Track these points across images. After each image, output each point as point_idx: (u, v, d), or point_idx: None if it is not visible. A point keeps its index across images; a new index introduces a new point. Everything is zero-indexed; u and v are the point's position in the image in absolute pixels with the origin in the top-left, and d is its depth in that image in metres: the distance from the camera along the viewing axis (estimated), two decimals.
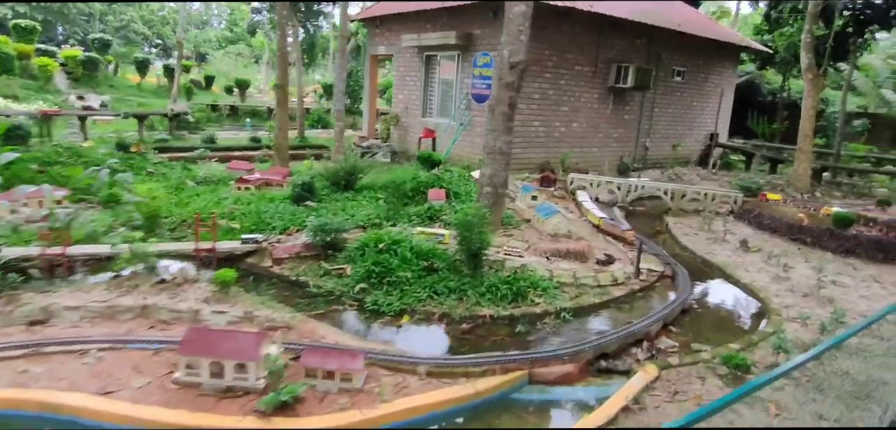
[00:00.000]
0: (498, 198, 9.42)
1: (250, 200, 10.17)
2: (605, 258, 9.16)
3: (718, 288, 9.50)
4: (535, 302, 7.62)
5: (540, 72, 17.16)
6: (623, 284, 8.65)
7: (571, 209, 12.71)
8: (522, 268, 8.32)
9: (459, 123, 18.00)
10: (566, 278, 8.34)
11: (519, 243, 9.21)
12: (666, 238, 12.11)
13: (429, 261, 7.91)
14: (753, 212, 12.79)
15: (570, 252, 9.07)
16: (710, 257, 10.46)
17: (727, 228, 12.23)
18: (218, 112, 24.94)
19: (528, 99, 17.03)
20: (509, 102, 9.12)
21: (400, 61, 20.90)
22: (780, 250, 10.96)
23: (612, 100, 19.40)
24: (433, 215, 9.74)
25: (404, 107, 20.75)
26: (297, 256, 8.42)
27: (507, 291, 7.58)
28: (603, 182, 14.15)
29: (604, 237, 10.80)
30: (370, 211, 9.80)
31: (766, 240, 11.75)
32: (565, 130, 18.40)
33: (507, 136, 9.25)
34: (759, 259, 10.36)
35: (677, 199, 13.51)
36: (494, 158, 9.28)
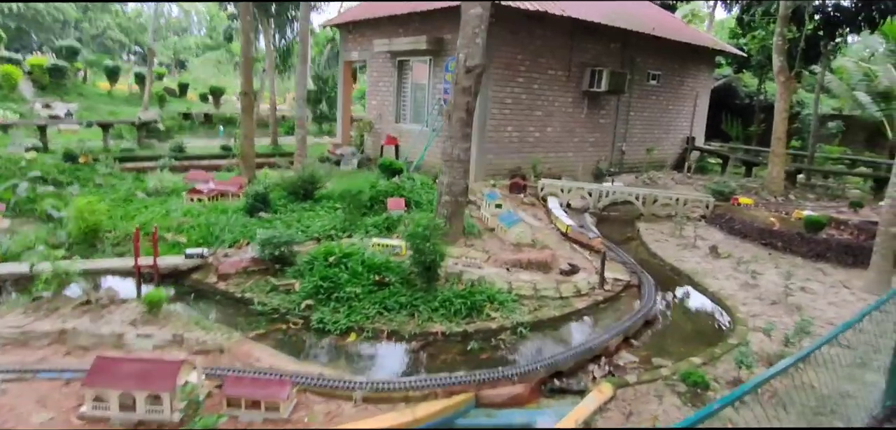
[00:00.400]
0: (457, 207, 9.04)
1: (201, 212, 9.69)
2: (568, 268, 8.81)
3: (685, 297, 9.18)
4: (491, 317, 7.23)
5: (512, 77, 16.85)
6: (586, 295, 8.29)
7: (540, 216, 12.37)
8: (480, 280, 7.93)
9: (432, 130, 17.63)
10: (526, 290, 7.96)
11: (479, 253, 8.83)
12: (637, 244, 11.80)
13: (381, 275, 7.49)
14: (725, 217, 12.53)
15: (533, 263, 8.70)
16: (679, 263, 10.14)
17: (698, 233, 11.93)
18: (190, 120, 24.31)
19: (500, 104, 16.72)
20: (466, 108, 8.74)
21: (373, 67, 20.50)
22: (751, 256, 10.67)
23: (586, 104, 19.12)
24: (391, 226, 9.33)
25: (378, 113, 20.34)
26: (244, 271, 7.97)
27: (462, 305, 7.19)
28: (574, 188, 13.83)
29: (571, 246, 10.46)
30: (326, 222, 9.37)
31: (737, 245, 11.46)
32: (540, 135, 18.08)
33: (465, 143, 8.87)
34: (729, 265, 10.05)
35: (649, 204, 13.22)
36: (452, 165, 8.89)
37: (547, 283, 8.24)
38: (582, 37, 18.12)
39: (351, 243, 8.58)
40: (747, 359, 6.09)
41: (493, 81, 16.35)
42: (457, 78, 8.82)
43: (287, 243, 7.89)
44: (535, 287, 8.01)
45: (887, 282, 9.06)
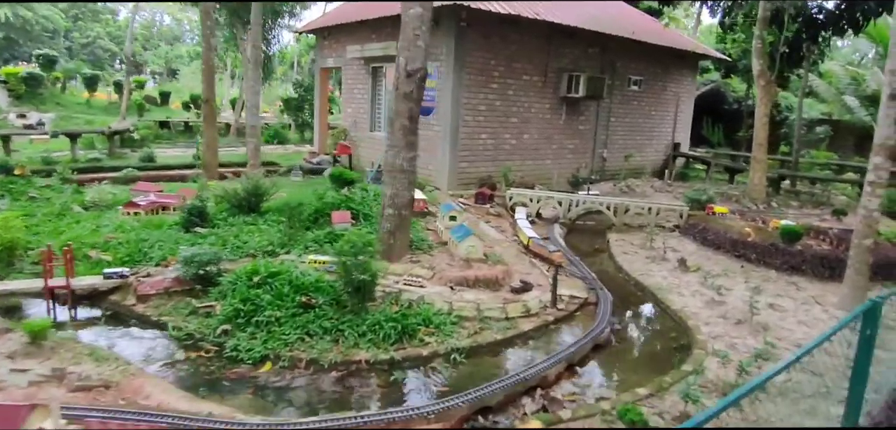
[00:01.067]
0: (402, 221, 8.39)
1: (134, 227, 9.05)
2: (520, 286, 8.16)
3: (645, 316, 8.53)
4: (424, 342, 6.58)
5: (486, 82, 16.25)
6: (536, 315, 7.64)
7: (505, 228, 11.72)
8: (419, 301, 7.28)
9: None
10: (468, 311, 7.31)
11: (424, 270, 8.18)
12: (605, 257, 11.16)
13: (308, 296, 6.84)
14: (699, 226, 11.87)
15: (481, 280, 8.06)
16: (644, 278, 9.49)
17: (670, 244, 11.28)
18: (168, 129, 23.72)
19: (473, 111, 16.11)
20: (409, 115, 8.11)
21: (347, 74, 19.91)
22: (721, 269, 10.02)
23: (565, 110, 18.50)
24: (334, 241, 8.69)
25: (353, 121, 19.74)
26: (165, 291, 7.34)
27: (393, 329, 6.54)
28: (544, 197, 13.19)
29: (531, 259, 9.81)
30: (266, 237, 8.73)
31: (709, 257, 10.81)
32: (516, 143, 17.45)
33: (409, 152, 8.24)
34: (696, 280, 9.39)
35: (620, 214, 12.57)
36: (395, 176, 8.26)
37: (493, 302, 7.59)
38: (559, 41, 17.52)
39: (287, 261, 7.94)
40: (694, 392, 5.43)
41: (465, 87, 15.75)
42: (397, 83, 8.20)
43: (211, 262, 7.26)
44: (479, 308, 7.36)
45: (861, 298, 8.38)
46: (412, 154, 8.25)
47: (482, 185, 14.29)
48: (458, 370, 6.28)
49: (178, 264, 7.39)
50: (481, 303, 7.49)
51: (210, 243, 8.37)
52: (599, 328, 7.14)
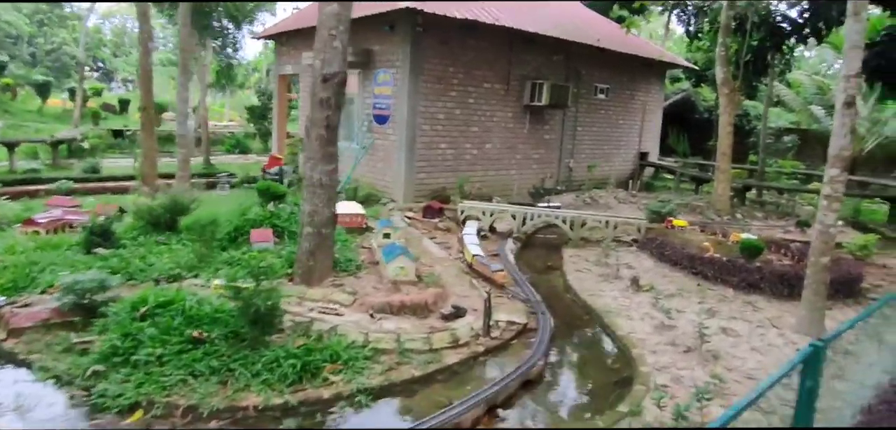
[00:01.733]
0: (322, 240, 7.56)
1: (26, 248, 8.10)
2: (452, 312, 7.37)
3: (588, 343, 7.79)
4: (328, 382, 5.75)
5: (444, 90, 15.51)
6: (465, 345, 6.84)
7: (452, 244, 10.93)
8: (331, 331, 6.46)
9: (361, 147, 16.23)
10: (388, 342, 6.49)
11: (345, 295, 7.35)
12: (557, 275, 10.41)
13: (199, 330, 5.98)
14: (656, 241, 11.19)
15: (408, 305, 7.25)
16: (593, 299, 8.74)
17: (626, 261, 10.58)
18: (122, 138, 22.62)
19: (431, 120, 15.35)
20: (326, 123, 7.30)
21: (304, 81, 19.05)
22: (676, 288, 9.33)
23: (528, 119, 17.83)
24: None
25: None
26: (43, 324, 6.42)
27: (291, 368, 5.69)
28: (498, 211, 12.44)
29: (473, 280, 9.02)
30: (175, 260, 7.84)
31: (665, 275, 10.12)
32: (478, 153, 16.72)
33: (327, 164, 7.41)
34: (648, 301, 8.66)
35: (577, 227, 11.85)
36: (314, 191, 7.43)
37: (418, 332, 6.79)
38: (521, 48, 16.86)
39: (193, 286, 7.08)
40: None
41: (423, 95, 15.00)
42: (313, 89, 7.38)
43: (95, 289, 6.36)
44: (400, 339, 6.54)
45: (820, 321, 7.73)
46: (331, 167, 7.42)
47: (435, 197, 13.50)
48: (361, 415, 5.45)
49: (60, 293, 6.48)
50: (403, 333, 6.67)
51: (110, 266, 7.47)
52: (530, 362, 6.36)
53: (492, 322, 7.37)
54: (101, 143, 21.07)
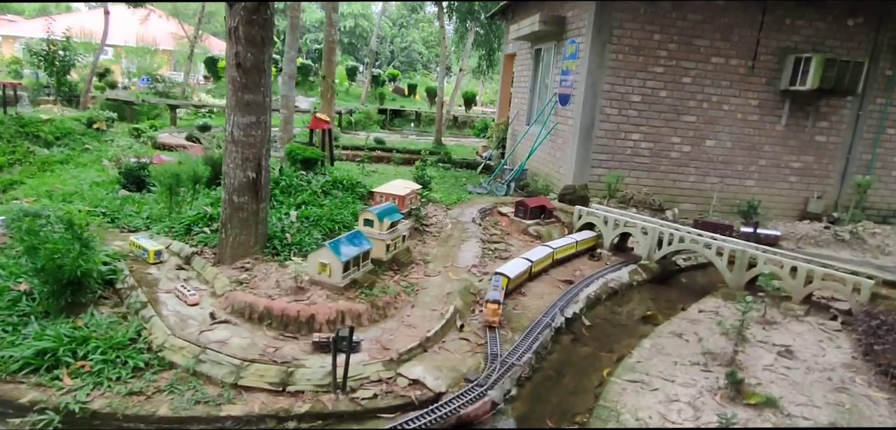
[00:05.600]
0: (234, 211, 5.74)
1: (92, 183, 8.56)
2: (323, 340, 4.78)
3: None
4: (55, 385, 4.16)
5: (644, 65, 11.59)
6: (295, 394, 4.27)
7: (514, 254, 7.60)
8: (148, 322, 4.80)
9: (544, 128, 13.55)
10: (185, 356, 4.46)
11: (227, 282, 5.47)
12: (633, 339, 6.14)
13: (28, 281, 5.10)
14: (882, 320, 5.70)
15: (276, 315, 4.98)
16: (624, 398, 4.72)
17: (783, 342, 5.70)
18: (399, 118, 24.25)
19: (619, 102, 11.70)
20: (236, 61, 5.41)
21: (518, 59, 17.03)
22: (842, 421, 4.42)
23: (787, 110, 12.11)
24: None
25: (516, 112, 16.83)
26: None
27: (36, 356, 4.29)
28: (624, 221, 8.36)
29: (476, 306, 5.98)
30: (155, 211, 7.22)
31: (845, 387, 4.96)
32: (691, 150, 12.13)
33: (242, 114, 5.52)
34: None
35: (739, 269, 7.01)
36: (227, 149, 5.71)
37: (242, 353, 4.54)
38: (784, 7, 11.44)
39: (134, 238, 6.31)
40: None
41: (610, 69, 11.50)
42: (226, 18, 5.60)
43: None
44: (199, 357, 4.45)
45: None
46: (248, 119, 5.58)
47: (566, 195, 10.00)
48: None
49: None
50: (225, 349, 4.55)
51: (112, 209, 7.34)
52: None
53: (386, 375, 4.56)
54: (363, 117, 23.06)
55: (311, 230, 6.76)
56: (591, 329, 6.28)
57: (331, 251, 5.51)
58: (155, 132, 15.72)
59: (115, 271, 5.43)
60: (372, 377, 4.56)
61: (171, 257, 6.10)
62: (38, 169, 9.93)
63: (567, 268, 7.62)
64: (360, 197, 8.36)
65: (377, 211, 6.55)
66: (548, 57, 14.40)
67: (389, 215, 6.63)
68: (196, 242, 6.41)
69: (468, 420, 4.26)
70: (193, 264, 6.03)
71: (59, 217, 4.96)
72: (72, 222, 4.84)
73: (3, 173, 9.40)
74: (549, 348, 5.64)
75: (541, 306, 6.28)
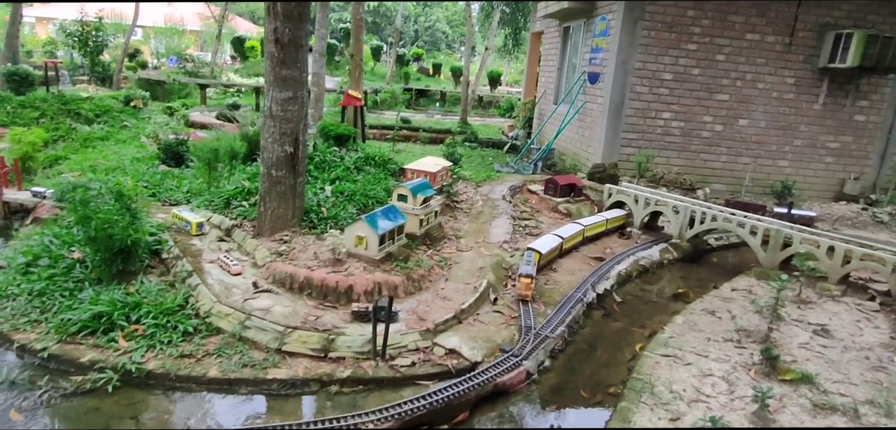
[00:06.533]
0: (273, 184, 5.88)
1: (133, 158, 8.82)
2: (365, 309, 4.93)
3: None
4: (112, 347, 4.39)
5: (677, 42, 11.45)
6: (337, 360, 4.46)
7: (544, 232, 7.64)
8: (195, 289, 5.02)
9: (574, 108, 13.46)
10: (230, 322, 4.67)
11: (267, 254, 5.65)
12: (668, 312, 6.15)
13: (81, 250, 5.35)
14: None
15: (316, 285, 5.16)
16: (658, 370, 4.80)
17: (820, 322, 5.68)
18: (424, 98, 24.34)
19: (650, 80, 11.59)
20: (275, 36, 5.53)
21: (546, 37, 16.89)
22: (875, 403, 4.42)
23: (826, 88, 11.84)
24: None
25: (543, 91, 16.73)
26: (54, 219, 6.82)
27: (95, 319, 4.54)
28: (654, 200, 8.31)
29: (508, 280, 6.07)
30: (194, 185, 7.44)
31: (886, 367, 4.96)
32: (723, 129, 11.98)
33: (280, 90, 5.67)
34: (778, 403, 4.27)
35: (774, 248, 6.96)
36: (265, 124, 5.85)
37: (286, 321, 4.73)
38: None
39: (174, 211, 6.54)
40: None
41: (642, 46, 11.39)
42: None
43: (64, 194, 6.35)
44: (244, 323, 4.65)
45: None
46: (286, 95, 5.71)
47: (596, 173, 9.97)
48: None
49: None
50: (268, 316, 4.74)
51: (154, 182, 7.60)
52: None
53: (423, 344, 4.70)
54: (389, 97, 23.13)
55: (345, 205, 6.92)
56: (622, 305, 6.33)
57: (367, 224, 5.66)
58: (187, 111, 16.07)
59: (161, 242, 5.66)
60: (410, 346, 4.70)
61: (212, 229, 6.32)
62: (80, 145, 10.30)
63: (597, 245, 7.66)
64: (392, 173, 8.50)
65: (411, 186, 6.66)
66: (576, 35, 14.25)
67: (422, 191, 6.74)
68: (235, 215, 6.63)
69: (504, 388, 4.38)
70: (234, 236, 6.24)
71: (109, 189, 5.17)
72: (121, 193, 5.05)
73: (49, 149, 9.76)
74: (582, 323, 5.72)
75: (572, 282, 6.34)
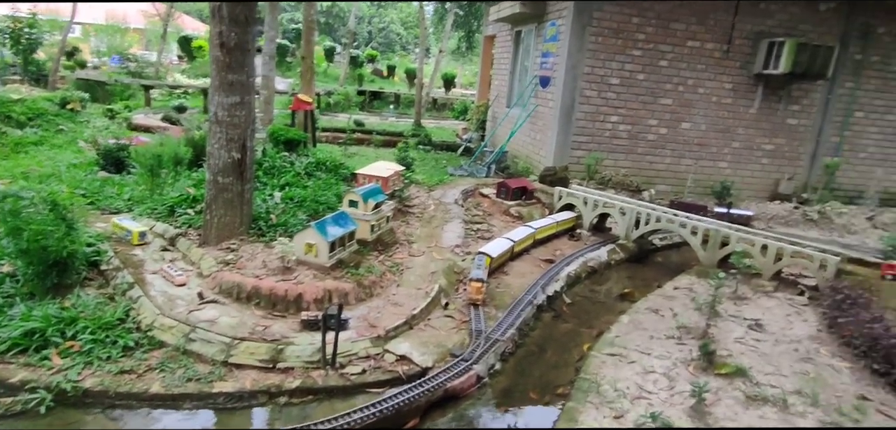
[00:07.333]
0: (219, 192, 5.79)
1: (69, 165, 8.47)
2: (311, 318, 4.88)
3: None
4: (45, 365, 4.21)
5: (623, 48, 11.78)
6: (285, 371, 4.40)
7: (496, 234, 7.77)
8: (136, 302, 4.86)
9: (526, 112, 13.67)
10: (174, 335, 4.55)
11: (219, 266, 5.55)
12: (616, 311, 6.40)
13: (11, 262, 5.08)
14: (850, 297, 5.99)
15: (264, 294, 5.08)
16: (603, 369, 4.96)
17: (754, 316, 6.00)
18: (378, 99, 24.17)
19: (599, 84, 11.88)
20: (220, 40, 5.45)
21: (498, 41, 17.11)
22: (808, 390, 4.69)
23: (761, 93, 12.44)
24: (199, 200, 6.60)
25: (496, 94, 16.94)
26: None
27: (23, 335, 4.33)
28: (603, 201, 8.59)
29: (461, 286, 6.14)
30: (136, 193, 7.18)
31: (812, 358, 5.27)
32: (668, 132, 12.42)
33: (226, 95, 5.57)
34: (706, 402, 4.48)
35: (712, 247, 7.31)
36: (211, 129, 5.75)
37: (232, 332, 4.64)
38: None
39: (115, 220, 6.28)
40: None
41: (590, 52, 11.66)
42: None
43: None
44: (189, 336, 4.53)
45: None
46: (233, 100, 5.61)
47: (547, 176, 10.20)
48: None
49: None
50: (214, 327, 4.64)
51: (92, 190, 7.28)
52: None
53: (374, 351, 4.69)
54: (342, 99, 22.90)
55: (295, 211, 6.83)
56: (571, 306, 6.49)
57: (317, 232, 5.60)
58: (129, 113, 15.46)
59: (100, 253, 5.44)
60: (360, 354, 4.69)
61: (156, 238, 6.11)
62: (10, 150, 9.74)
63: (548, 248, 7.82)
64: (344, 178, 8.43)
65: (362, 192, 6.63)
66: (528, 39, 14.51)
67: (374, 196, 6.72)
68: (180, 223, 6.43)
69: (455, 393, 4.42)
70: (178, 245, 6.06)
71: (43, 198, 4.93)
72: (56, 202, 4.84)
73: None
74: (532, 325, 5.83)
75: (523, 285, 6.46)
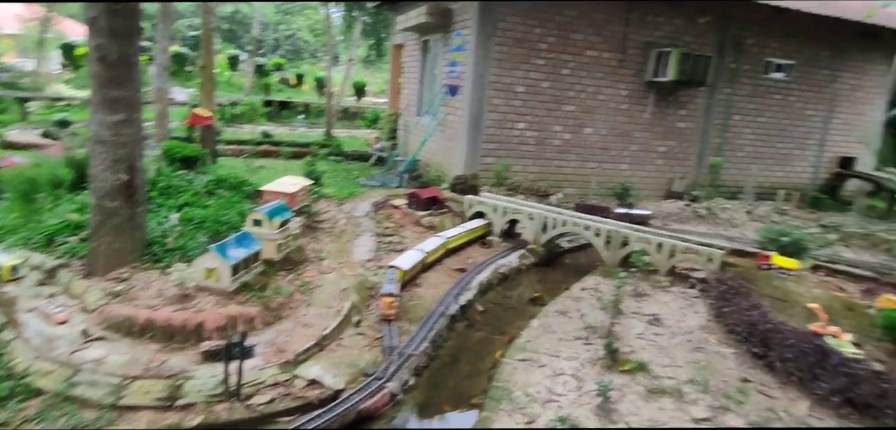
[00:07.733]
0: (106, 217, 5.39)
1: None
2: (213, 349, 4.62)
3: None
4: None
5: (527, 57, 12.14)
6: (186, 407, 4.13)
7: (409, 246, 7.78)
8: (10, 344, 4.37)
9: (436, 120, 13.75)
10: (55, 380, 4.14)
11: (107, 299, 5.13)
12: (526, 316, 6.62)
13: None
14: (733, 287, 6.55)
15: (159, 326, 4.76)
16: (515, 376, 5.08)
17: (653, 311, 6.39)
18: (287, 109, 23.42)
19: (506, 93, 12.16)
20: (99, 55, 5.08)
21: (406, 50, 17.16)
22: (699, 380, 5.05)
23: (653, 100, 13.29)
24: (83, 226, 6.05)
25: (406, 103, 16.96)
26: None
27: None
28: (512, 208, 8.85)
29: (373, 304, 6.05)
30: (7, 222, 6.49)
31: (703, 347, 5.69)
32: (572, 138, 12.94)
33: (108, 112, 5.19)
34: (612, 396, 4.71)
35: (614, 247, 7.74)
36: (93, 150, 5.33)
37: (124, 370, 4.29)
38: (647, 6, 12.49)
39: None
40: None
41: (496, 61, 11.90)
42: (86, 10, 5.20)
43: None
44: (71, 379, 4.14)
45: None
46: (117, 118, 5.22)
47: (458, 184, 10.37)
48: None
49: None
50: (102, 367, 4.26)
51: None
52: None
53: (283, 378, 4.50)
54: (248, 110, 22.02)
55: (195, 234, 6.42)
56: (484, 314, 6.59)
57: (217, 255, 5.31)
58: (2, 131, 13.96)
59: None
60: (268, 382, 4.48)
61: (31, 271, 5.53)
62: None
63: (460, 257, 7.91)
64: (248, 196, 8.06)
65: (266, 210, 6.38)
66: (436, 48, 14.65)
67: (279, 214, 6.48)
68: (60, 253, 5.86)
69: (368, 414, 4.34)
70: (58, 278, 5.51)
71: None
72: None
73: None
74: (445, 336, 5.86)
75: (435, 296, 6.48)
